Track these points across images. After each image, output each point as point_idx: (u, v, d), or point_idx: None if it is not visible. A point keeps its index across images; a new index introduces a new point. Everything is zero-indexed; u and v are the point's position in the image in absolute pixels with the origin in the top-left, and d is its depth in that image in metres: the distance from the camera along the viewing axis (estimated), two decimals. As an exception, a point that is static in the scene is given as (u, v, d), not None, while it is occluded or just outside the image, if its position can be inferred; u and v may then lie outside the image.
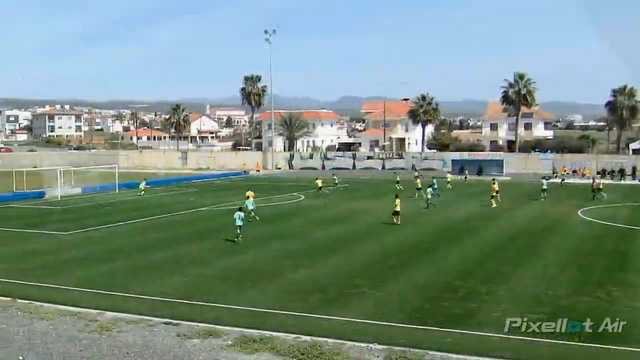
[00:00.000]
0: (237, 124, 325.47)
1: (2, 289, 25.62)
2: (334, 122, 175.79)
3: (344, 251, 33.29)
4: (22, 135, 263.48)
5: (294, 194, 65.29)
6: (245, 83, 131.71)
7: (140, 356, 17.46)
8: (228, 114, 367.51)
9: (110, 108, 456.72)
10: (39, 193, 66.20)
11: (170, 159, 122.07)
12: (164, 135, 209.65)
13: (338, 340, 18.40)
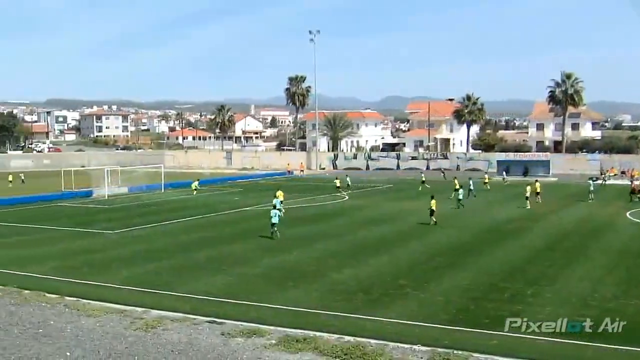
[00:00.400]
0: (281, 124, 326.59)
1: (51, 286, 26.07)
2: (378, 122, 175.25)
3: (388, 251, 33.16)
4: (70, 136, 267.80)
5: (338, 194, 65.27)
6: (290, 83, 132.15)
7: (185, 354, 17.59)
8: (272, 114, 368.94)
9: (157, 108, 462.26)
10: (87, 192, 67.24)
11: (215, 159, 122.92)
12: (209, 136, 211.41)
13: (381, 341, 18.32)
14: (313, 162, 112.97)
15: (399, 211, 49.64)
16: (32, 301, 23.65)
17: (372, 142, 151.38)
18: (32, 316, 21.66)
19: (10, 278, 27.61)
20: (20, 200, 61.49)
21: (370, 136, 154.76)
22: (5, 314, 21.93)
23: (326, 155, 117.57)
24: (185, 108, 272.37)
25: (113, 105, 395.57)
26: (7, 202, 60.08)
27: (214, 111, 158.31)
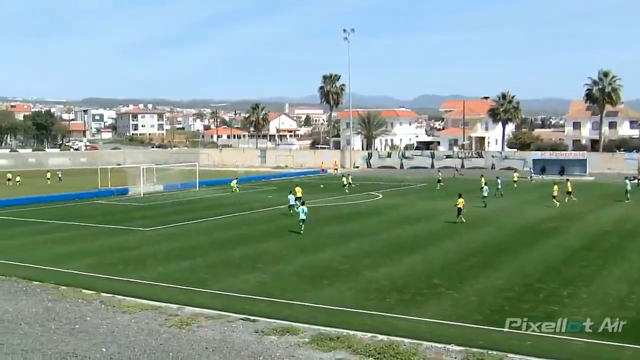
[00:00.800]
0: (315, 122, 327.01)
1: (87, 282, 26.41)
2: (413, 120, 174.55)
3: (422, 251, 33.04)
4: (106, 134, 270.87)
5: (371, 192, 65.17)
6: (324, 82, 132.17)
7: (219, 351, 17.69)
8: (307, 112, 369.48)
9: (192, 107, 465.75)
10: (123, 190, 67.91)
11: (249, 157, 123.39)
12: (244, 134, 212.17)
13: (415, 341, 18.25)
14: (347, 161, 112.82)
15: (432, 210, 49.39)
16: (69, 297, 23.96)
17: (407, 140, 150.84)
18: (69, 312, 21.94)
19: (48, 274, 28.01)
20: (58, 197, 62.32)
21: (404, 135, 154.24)
22: (42, 310, 22.25)
23: (360, 154, 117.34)
24: (220, 106, 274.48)
25: (149, 103, 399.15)
26: (45, 199, 60.95)
27: (248, 110, 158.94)
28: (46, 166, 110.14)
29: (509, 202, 55.18)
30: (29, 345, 18.36)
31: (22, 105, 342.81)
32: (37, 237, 39.58)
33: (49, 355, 17.57)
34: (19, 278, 27.25)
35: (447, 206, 50.42)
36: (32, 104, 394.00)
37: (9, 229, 43.27)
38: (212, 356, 17.32)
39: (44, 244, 36.63)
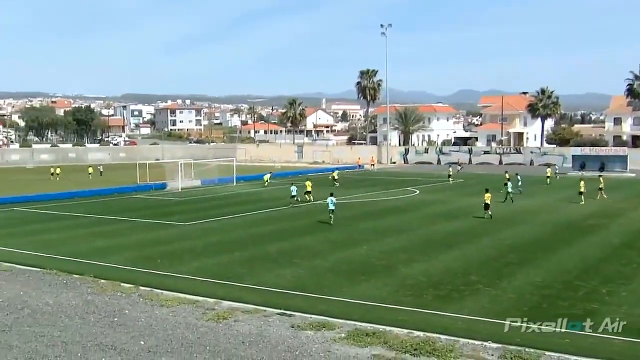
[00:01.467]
0: (352, 118, 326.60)
1: (126, 276, 26.71)
2: (450, 116, 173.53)
3: (459, 247, 32.84)
4: (145, 129, 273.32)
5: (408, 188, 64.95)
6: (361, 77, 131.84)
7: (255, 345, 17.79)
8: (343, 108, 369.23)
9: (229, 102, 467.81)
10: (161, 185, 68.57)
11: (286, 153, 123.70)
12: (281, 129, 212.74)
13: (451, 337, 18.18)
14: (384, 156, 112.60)
15: (469, 206, 49.04)
16: (108, 290, 24.27)
17: (444, 136, 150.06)
18: (108, 305, 22.23)
19: (87, 267, 28.39)
20: (98, 192, 63.16)
21: (441, 130, 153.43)
22: (82, 303, 22.57)
23: (397, 150, 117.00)
24: (258, 102, 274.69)
25: (187, 99, 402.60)
26: (85, 193, 61.81)
27: (285, 105, 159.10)
28: (86, 161, 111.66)
29: (546, 198, 54.58)
30: (68, 337, 18.66)
31: (63, 101, 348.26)
32: (77, 230, 40.16)
33: (88, 347, 17.82)
34: (59, 271, 27.67)
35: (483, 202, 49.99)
36: (72, 99, 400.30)
37: (51, 222, 43.95)
38: (248, 350, 17.42)
39: (84, 238, 37.15)
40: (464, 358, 16.74)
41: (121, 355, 17.14)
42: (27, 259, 30.60)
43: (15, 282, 25.99)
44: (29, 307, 22.08)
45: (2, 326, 19.86)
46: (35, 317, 20.86)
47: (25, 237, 37.30)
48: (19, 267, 28.79)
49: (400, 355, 16.91)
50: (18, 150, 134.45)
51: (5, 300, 23.00)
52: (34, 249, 33.36)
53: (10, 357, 17.11)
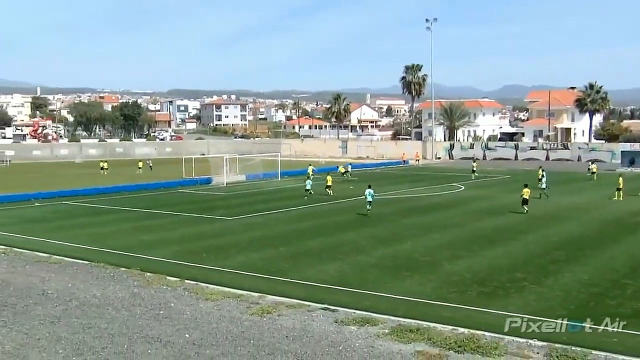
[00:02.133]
0: (397, 113, 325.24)
1: (171, 270, 27.01)
2: (496, 111, 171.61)
3: (504, 243, 32.51)
4: (191, 124, 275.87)
5: (453, 184, 64.52)
6: (406, 72, 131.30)
7: (299, 340, 17.85)
8: (388, 103, 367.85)
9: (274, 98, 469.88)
10: (206, 179, 69.13)
11: (330, 148, 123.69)
12: (325, 124, 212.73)
13: (496, 334, 18.01)
14: (429, 152, 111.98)
15: (515, 202, 48.41)
16: (154, 284, 24.57)
17: (490, 131, 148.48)
18: (154, 298, 22.51)
19: (134, 261, 28.78)
20: (144, 186, 63.92)
21: (487, 126, 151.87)
22: (128, 295, 22.89)
23: (442, 145, 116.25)
24: (302, 97, 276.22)
25: (232, 94, 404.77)
26: (132, 188, 62.61)
27: (330, 100, 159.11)
28: (133, 156, 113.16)
29: (592, 195, 53.75)
30: (115, 329, 18.94)
31: (110, 96, 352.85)
32: (124, 224, 40.71)
33: (134, 339, 18.07)
34: (107, 264, 28.10)
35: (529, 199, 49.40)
36: (119, 95, 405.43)
37: (99, 216, 44.63)
38: (292, 345, 17.49)
39: (131, 232, 37.66)
40: (509, 356, 16.58)
41: (166, 348, 17.35)
42: (75, 252, 31.14)
43: (64, 274, 26.47)
44: (77, 299, 22.47)
45: (51, 317, 20.26)
46: (83, 309, 21.22)
47: (73, 231, 37.95)
48: (68, 260, 29.31)
49: (444, 352, 16.82)
50: (67, 145, 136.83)
51: (54, 292, 23.45)
52: (82, 242, 33.93)
53: (59, 348, 17.43)
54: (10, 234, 37.00)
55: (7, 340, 18.13)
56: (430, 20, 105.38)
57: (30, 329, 19.13)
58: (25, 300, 22.41)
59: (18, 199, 53.70)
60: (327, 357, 16.62)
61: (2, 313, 20.89)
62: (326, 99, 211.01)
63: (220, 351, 17.05)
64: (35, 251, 31.47)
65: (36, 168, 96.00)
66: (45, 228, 39.24)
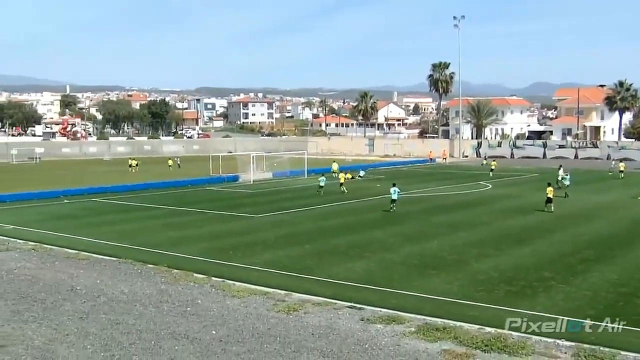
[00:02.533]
0: (424, 111, 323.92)
1: (199, 267, 27.15)
2: (524, 109, 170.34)
3: (532, 242, 32.28)
4: (218, 122, 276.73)
5: (480, 182, 64.16)
6: (433, 70, 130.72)
7: (325, 338, 17.86)
8: (415, 101, 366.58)
9: (301, 95, 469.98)
10: (233, 177, 69.41)
11: (357, 146, 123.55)
12: (352, 123, 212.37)
13: (524, 334, 17.89)
14: (456, 150, 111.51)
15: (542, 201, 48.06)
16: (181, 280, 24.71)
17: (518, 129, 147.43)
18: (181, 295, 22.64)
19: (162, 257, 28.97)
20: (172, 184, 64.31)
21: (515, 124, 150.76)
22: (156, 292, 23.05)
23: (470, 143, 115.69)
24: (329, 95, 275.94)
25: (259, 92, 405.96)
26: (160, 185, 62.99)
27: (357, 98, 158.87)
28: (161, 153, 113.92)
29: (620, 194, 53.21)
30: (143, 326, 19.08)
31: (139, 94, 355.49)
32: (152, 221, 41.00)
33: (161, 335, 18.20)
34: (134, 261, 28.32)
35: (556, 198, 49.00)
36: (147, 93, 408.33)
37: (127, 213, 45.00)
38: (318, 342, 17.51)
39: (158, 228, 37.91)
40: (536, 355, 16.46)
41: (193, 344, 17.45)
42: (103, 249, 31.42)
43: (92, 270, 26.71)
44: (105, 295, 22.67)
45: (80, 313, 20.46)
46: (111, 305, 21.41)
47: (102, 227, 38.28)
48: (96, 257, 29.57)
49: (471, 351, 16.74)
50: (96, 142, 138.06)
51: (82, 288, 23.68)
52: (110, 238, 34.22)
53: (87, 343, 17.60)
54: (39, 230, 37.41)
55: (36, 335, 18.35)
56: (458, 17, 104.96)
57: (59, 325, 19.35)
58: (54, 296, 22.66)
59: (47, 196, 54.29)
60: (353, 355, 16.62)
61: (31, 308, 21.15)
62: (353, 96, 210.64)
63: (246, 348, 17.12)
64: (64, 248, 31.80)
65: (65, 165, 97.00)
66: (74, 225, 39.63)
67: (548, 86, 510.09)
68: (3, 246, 32.34)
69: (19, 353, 16.97)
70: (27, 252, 30.82)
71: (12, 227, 38.62)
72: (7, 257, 29.57)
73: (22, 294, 22.98)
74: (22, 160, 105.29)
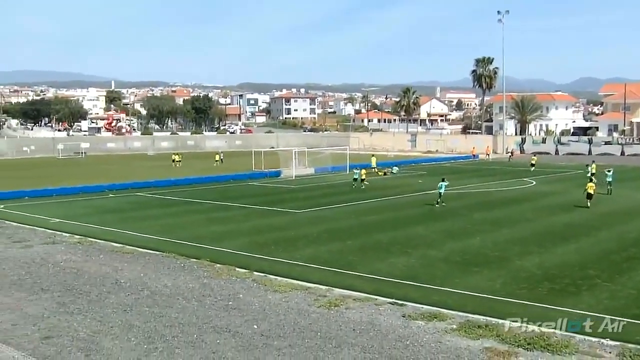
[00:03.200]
0: (467, 106, 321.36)
1: (241, 261, 27.31)
2: (570, 105, 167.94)
3: (576, 239, 31.85)
4: (260, 118, 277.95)
5: (524, 179, 63.45)
6: (476, 65, 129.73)
7: (366, 333, 17.86)
8: (458, 97, 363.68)
9: (343, 91, 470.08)
10: (276, 172, 69.65)
11: (399, 142, 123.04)
12: (394, 118, 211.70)
13: (567, 333, 17.67)
14: (499, 146, 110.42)
15: (589, 198, 47.50)
16: (224, 275, 24.90)
17: (562, 125, 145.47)
18: (223, 289, 22.82)
19: (205, 252, 29.20)
20: (214, 178, 64.80)
21: (560, 119, 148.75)
22: (198, 286, 23.27)
23: (513, 139, 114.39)
24: (371, 90, 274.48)
25: (301, 88, 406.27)
26: (202, 180, 63.53)
27: (399, 94, 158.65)
28: (204, 148, 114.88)
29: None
30: (185, 319, 19.28)
31: (182, 90, 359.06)
32: (195, 216, 41.34)
33: (204, 329, 18.37)
34: (177, 255, 28.61)
35: (601, 195, 48.26)
36: (191, 88, 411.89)
37: (171, 207, 45.44)
38: (359, 338, 17.52)
39: (201, 223, 38.23)
40: (580, 354, 16.26)
41: (235, 338, 17.58)
42: (147, 243, 31.79)
43: (136, 264, 27.07)
44: (149, 289, 22.96)
45: (124, 306, 20.76)
46: (154, 299, 21.67)
47: (146, 221, 38.75)
48: (140, 250, 29.95)
49: (513, 349, 16.60)
50: (140, 137, 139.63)
51: (126, 282, 24.02)
52: (154, 232, 34.61)
53: (131, 336, 17.85)
54: (85, 224, 38.01)
55: (81, 327, 18.67)
56: (502, 12, 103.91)
57: (104, 317, 19.65)
58: (99, 289, 23.02)
59: (93, 190, 55.16)
60: (394, 351, 16.60)
61: (77, 301, 21.52)
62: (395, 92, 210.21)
63: (287, 343, 17.20)
64: (109, 241, 32.28)
65: (110, 160, 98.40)
66: (119, 219, 40.17)
67: (594, 81, 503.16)
68: (50, 239, 32.95)
69: (64, 344, 17.29)
70: (73, 246, 31.36)
71: (58, 220, 39.30)
72: (54, 250, 30.13)
73: (68, 287, 23.41)
74: (68, 155, 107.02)
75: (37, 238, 33.47)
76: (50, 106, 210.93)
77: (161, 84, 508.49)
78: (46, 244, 31.66)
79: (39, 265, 26.99)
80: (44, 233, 34.98)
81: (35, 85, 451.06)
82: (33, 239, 33.30)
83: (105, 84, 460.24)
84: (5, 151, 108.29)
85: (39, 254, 29.38)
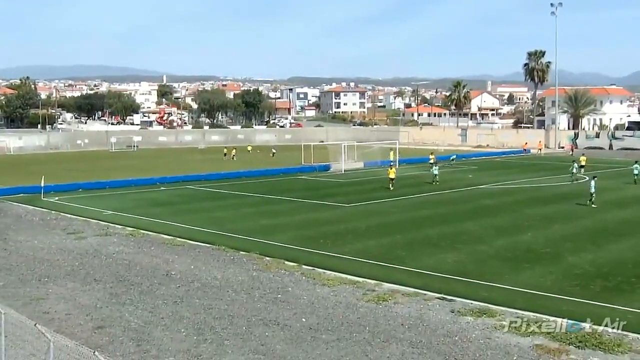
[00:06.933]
0: (518, 101, 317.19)
1: (290, 254, 27.43)
2: (625, 99, 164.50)
3: (631, 237, 31.23)
4: (310, 111, 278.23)
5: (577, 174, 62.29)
6: (529, 59, 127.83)
7: (414, 328, 17.81)
8: (510, 90, 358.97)
9: (393, 85, 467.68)
10: (325, 166, 69.66)
11: (449, 136, 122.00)
12: (444, 112, 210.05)
13: (620, 331, 17.36)
14: (551, 141, 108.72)
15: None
16: (273, 268, 25.05)
17: (617, 120, 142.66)
18: (272, 282, 22.96)
19: (254, 245, 29.38)
20: (264, 172, 65.12)
21: (614, 114, 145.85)
22: (248, 279, 23.44)
23: (566, 134, 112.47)
24: (421, 85, 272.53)
25: (351, 82, 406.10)
26: (252, 173, 63.89)
27: (449, 88, 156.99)
28: (254, 142, 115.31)
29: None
30: (234, 311, 19.45)
31: (233, 84, 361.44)
32: (244, 209, 41.60)
33: (252, 321, 18.51)
34: (227, 247, 28.85)
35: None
36: (241, 82, 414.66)
37: (220, 200, 45.82)
38: (407, 333, 17.47)
39: (250, 216, 38.47)
40: (633, 353, 15.98)
41: (284, 331, 17.68)
42: (198, 235, 32.12)
43: (187, 256, 27.38)
44: (199, 281, 23.21)
45: (175, 297, 21.03)
46: (205, 291, 21.91)
47: (196, 214, 39.13)
48: (191, 243, 30.27)
49: (564, 346, 16.39)
50: (191, 131, 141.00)
51: (177, 273, 24.32)
52: (205, 225, 34.93)
53: (181, 327, 18.08)
54: (137, 216, 38.56)
55: (133, 318, 18.97)
56: (555, 4, 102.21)
57: (155, 308, 19.93)
58: (150, 280, 23.35)
59: (145, 182, 55.87)
60: (443, 347, 16.52)
61: (128, 292, 21.86)
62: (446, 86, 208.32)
63: (336, 336, 17.23)
64: (160, 233, 32.69)
65: (162, 153, 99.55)
66: (170, 211, 40.64)
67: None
68: (102, 231, 33.51)
69: (116, 334, 17.59)
70: (125, 237, 31.85)
71: (111, 212, 39.94)
72: (106, 242, 30.63)
73: (120, 278, 23.79)
74: (120, 148, 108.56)
75: (91, 230, 34.06)
76: (104, 100, 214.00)
77: (212, 78, 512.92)
78: (99, 236, 32.20)
79: (92, 257, 27.48)
80: (97, 225, 35.59)
81: (89, 80, 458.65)
82: (86, 230, 33.91)
83: (157, 78, 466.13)
84: (60, 144, 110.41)
85: (92, 245, 29.91)
